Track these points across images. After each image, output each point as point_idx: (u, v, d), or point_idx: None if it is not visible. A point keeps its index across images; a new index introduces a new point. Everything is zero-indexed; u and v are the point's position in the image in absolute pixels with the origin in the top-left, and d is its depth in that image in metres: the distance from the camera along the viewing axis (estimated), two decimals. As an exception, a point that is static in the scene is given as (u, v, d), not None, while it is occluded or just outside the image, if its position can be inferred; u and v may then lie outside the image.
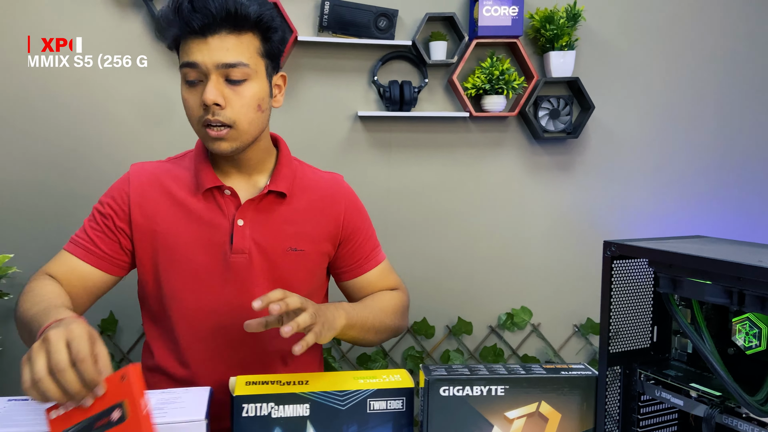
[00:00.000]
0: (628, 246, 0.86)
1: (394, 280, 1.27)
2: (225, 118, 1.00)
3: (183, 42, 1.00)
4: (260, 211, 1.11)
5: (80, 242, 1.10)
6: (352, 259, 1.21)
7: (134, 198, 1.10)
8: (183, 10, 0.96)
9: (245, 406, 0.89)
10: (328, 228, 1.16)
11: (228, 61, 0.98)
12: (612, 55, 2.06)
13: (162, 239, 1.09)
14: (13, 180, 1.87)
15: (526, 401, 0.90)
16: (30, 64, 1.85)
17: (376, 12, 1.91)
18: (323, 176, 1.21)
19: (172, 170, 1.13)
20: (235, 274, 1.09)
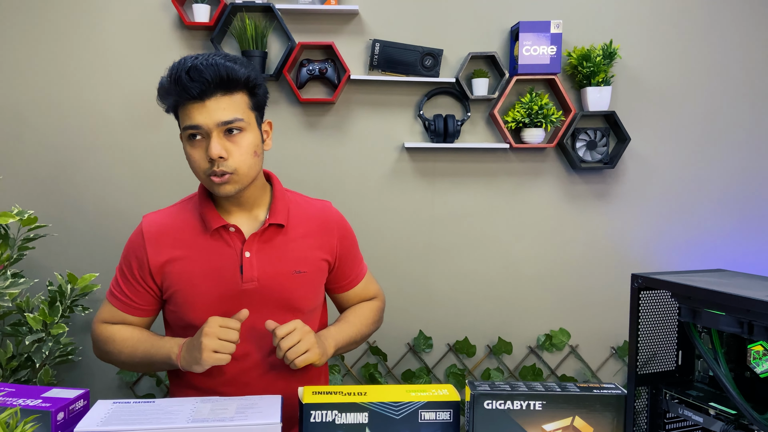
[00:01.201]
0: (652, 279, 0.97)
1: (374, 289, 1.48)
2: (228, 167, 1.15)
3: (182, 107, 1.14)
4: (264, 242, 1.25)
5: (119, 297, 1.28)
6: (343, 277, 1.39)
7: (150, 249, 1.24)
8: (182, 80, 1.10)
9: (313, 413, 1.03)
10: (324, 251, 1.32)
11: (226, 119, 1.13)
12: (647, 89, 2.16)
13: (180, 278, 1.23)
14: (98, 208, 2.09)
15: (562, 416, 1.01)
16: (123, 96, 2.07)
17: (423, 52, 2.06)
18: (314, 204, 1.36)
19: (180, 215, 1.28)
20: (247, 300, 1.24)
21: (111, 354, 1.28)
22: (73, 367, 2.08)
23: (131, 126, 2.08)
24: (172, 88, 1.13)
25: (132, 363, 1.26)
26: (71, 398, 1.08)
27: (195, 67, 1.10)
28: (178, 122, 1.19)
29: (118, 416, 1.00)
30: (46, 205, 2.06)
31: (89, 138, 2.07)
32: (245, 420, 0.99)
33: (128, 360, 1.26)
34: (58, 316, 1.75)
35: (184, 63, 1.12)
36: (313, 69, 2.04)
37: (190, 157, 1.17)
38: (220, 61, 1.12)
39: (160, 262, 1.24)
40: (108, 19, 2.05)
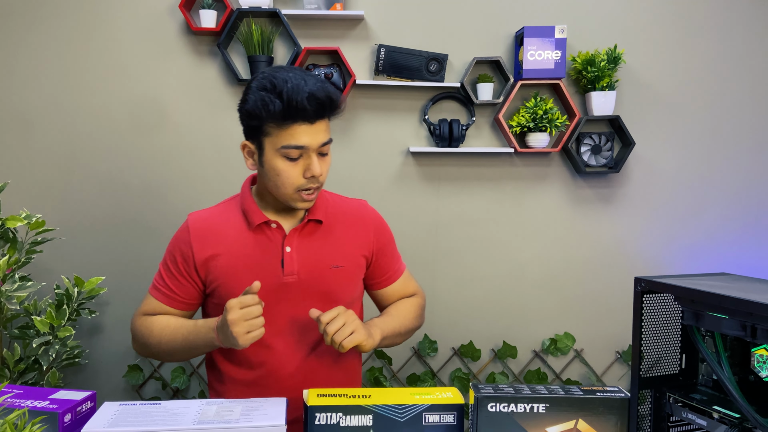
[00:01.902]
0: (655, 282, 0.97)
1: (413, 287, 1.50)
2: (319, 184, 1.24)
3: (287, 128, 1.17)
4: (303, 238, 1.30)
5: (161, 289, 1.32)
6: (381, 273, 1.42)
7: (196, 245, 1.29)
8: (301, 104, 1.14)
9: (317, 415, 1.04)
10: (361, 246, 1.36)
11: (325, 141, 1.21)
12: (652, 94, 2.16)
13: (224, 271, 1.28)
14: (106, 211, 2.10)
15: (565, 418, 1.01)
16: (123, 102, 2.09)
17: (428, 57, 2.07)
18: (351, 202, 1.42)
19: (223, 213, 1.33)
20: (288, 292, 1.28)
21: (150, 345, 1.30)
22: (80, 370, 2.10)
23: (139, 131, 2.10)
24: (289, 111, 1.15)
25: (172, 350, 1.28)
26: (78, 400, 1.09)
27: (312, 94, 1.15)
28: (260, 137, 1.21)
29: (124, 418, 1.01)
30: (54, 209, 2.08)
31: (97, 142, 2.09)
32: (250, 422, 1.00)
33: (168, 347, 1.28)
34: (65, 319, 1.77)
35: (298, 88, 1.15)
36: (318, 74, 2.05)
37: (283, 173, 1.21)
38: (328, 87, 1.19)
39: (204, 257, 1.28)
40: (115, 24, 2.07)
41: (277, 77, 1.17)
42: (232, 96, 2.11)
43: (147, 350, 1.34)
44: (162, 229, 2.11)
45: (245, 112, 1.22)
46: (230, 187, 2.10)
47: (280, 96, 1.15)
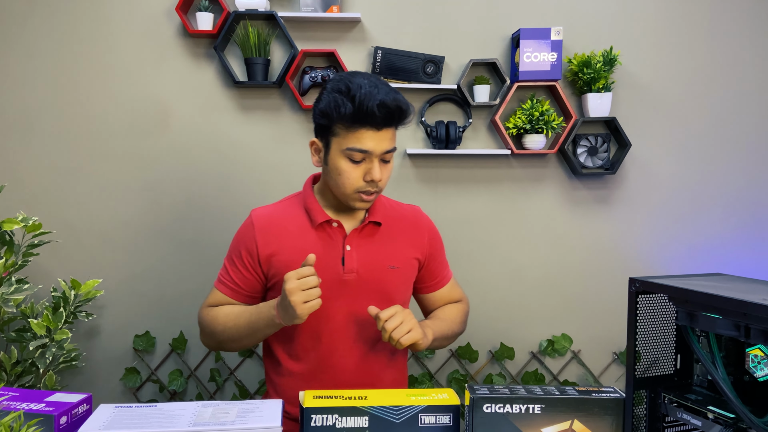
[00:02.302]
0: (650, 283, 0.98)
1: (459, 293, 1.55)
2: (377, 188, 1.28)
3: (354, 131, 1.23)
4: (363, 238, 1.36)
5: (227, 283, 1.37)
6: (431, 277, 1.47)
7: (260, 239, 1.34)
8: (371, 110, 1.19)
9: (313, 417, 1.04)
10: (416, 250, 1.42)
11: (389, 148, 1.26)
12: (648, 95, 2.16)
13: (287, 266, 1.30)
14: (102, 214, 2.10)
15: (561, 419, 1.01)
16: (115, 106, 2.09)
17: (424, 59, 2.07)
18: (407, 207, 1.48)
19: (286, 210, 1.38)
20: (347, 289, 1.33)
21: (216, 333, 1.35)
22: (77, 373, 2.10)
23: (135, 133, 2.10)
24: (359, 115, 1.21)
25: (237, 335, 1.32)
26: (74, 402, 1.09)
27: (383, 102, 1.20)
28: (329, 136, 1.26)
29: (120, 420, 1.01)
30: (51, 211, 2.08)
31: (94, 145, 2.09)
32: (246, 424, 1.00)
33: (233, 332, 1.32)
34: (61, 321, 1.76)
35: (371, 94, 1.20)
36: (315, 76, 2.06)
37: (344, 173, 1.26)
38: (399, 98, 1.24)
39: (268, 253, 1.33)
40: (112, 27, 2.07)
41: (353, 82, 1.22)
42: (229, 98, 2.11)
43: (213, 339, 1.37)
44: (159, 231, 2.12)
45: (318, 111, 1.27)
46: (227, 190, 2.12)
47: (352, 100, 1.20)
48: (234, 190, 2.13)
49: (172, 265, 2.12)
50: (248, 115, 2.12)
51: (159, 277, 2.12)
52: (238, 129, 2.12)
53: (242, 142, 2.12)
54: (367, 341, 1.36)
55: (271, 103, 2.12)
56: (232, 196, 2.12)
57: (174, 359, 2.15)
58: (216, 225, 2.12)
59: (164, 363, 2.14)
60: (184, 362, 2.14)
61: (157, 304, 2.12)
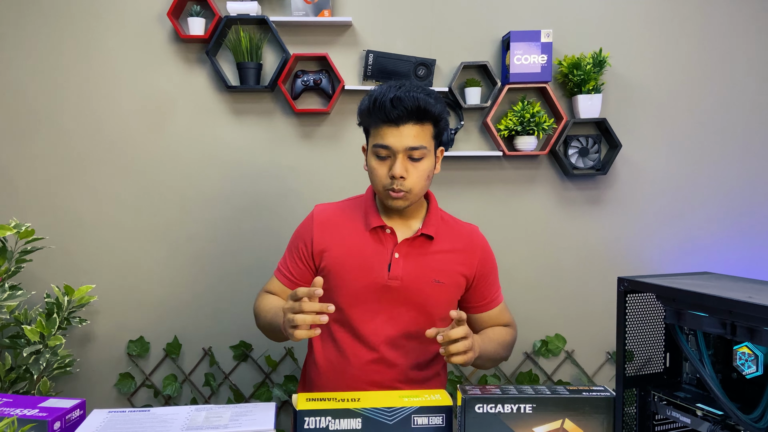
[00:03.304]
0: (638, 282, 0.99)
1: (508, 318, 1.53)
2: (404, 187, 1.29)
3: (377, 128, 1.29)
4: (413, 248, 1.37)
5: (283, 272, 1.44)
6: (480, 298, 1.46)
7: (316, 233, 1.40)
8: (385, 106, 1.25)
9: (306, 419, 1.04)
10: (465, 269, 1.42)
11: (413, 145, 1.27)
12: (637, 96, 2.18)
13: (336, 263, 1.37)
14: (94, 220, 2.10)
15: (552, 418, 1.02)
16: (112, 113, 2.09)
17: (416, 62, 2.09)
18: (464, 225, 1.49)
19: (346, 210, 1.43)
20: (388, 294, 1.36)
21: (258, 319, 1.40)
22: (71, 379, 2.09)
23: (129, 138, 2.10)
24: (375, 111, 1.27)
25: (265, 326, 1.37)
26: (67, 408, 1.09)
27: (398, 97, 1.24)
28: (368, 139, 1.34)
29: (113, 425, 1.01)
30: (44, 218, 2.08)
31: (87, 151, 2.10)
32: (239, 427, 1.01)
33: (265, 324, 1.37)
34: (55, 327, 1.76)
35: (389, 91, 1.26)
36: (307, 80, 2.06)
37: (373, 171, 1.32)
38: (420, 95, 1.26)
39: (322, 247, 1.39)
40: (104, 33, 2.08)
41: (386, 84, 1.29)
42: (221, 103, 2.12)
43: (258, 324, 1.41)
44: (153, 236, 2.12)
45: (357, 115, 1.35)
46: (220, 194, 2.12)
47: (370, 97, 1.28)
48: (227, 194, 2.13)
49: (166, 270, 2.13)
50: (241, 120, 2.13)
51: (152, 282, 2.12)
52: (231, 133, 2.13)
53: (235, 146, 2.13)
54: (405, 345, 1.39)
55: (264, 107, 2.13)
56: (226, 200, 2.13)
57: (168, 364, 2.15)
58: (209, 229, 2.13)
59: (158, 368, 2.14)
60: (178, 367, 2.14)
61: (150, 309, 2.12)
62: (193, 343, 2.15)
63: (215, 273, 2.14)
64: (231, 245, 2.14)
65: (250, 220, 2.14)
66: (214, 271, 2.13)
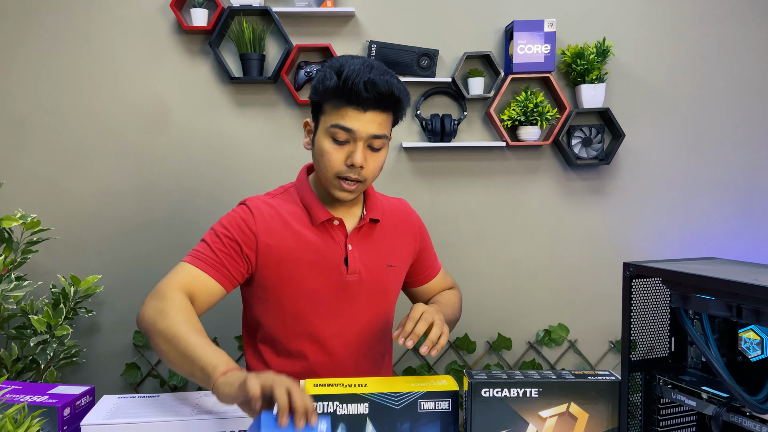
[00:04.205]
0: (644, 267, 0.99)
1: (451, 281, 1.53)
2: (360, 176, 1.20)
3: (339, 108, 1.16)
4: (363, 237, 1.31)
5: (207, 259, 1.21)
6: (422, 269, 1.45)
7: (260, 229, 1.24)
8: (357, 88, 1.13)
9: (315, 404, 1.05)
10: (408, 246, 1.39)
11: (377, 134, 1.18)
12: (641, 86, 2.18)
13: (285, 265, 1.24)
14: (100, 211, 2.11)
15: (558, 402, 1.03)
16: (112, 104, 2.10)
17: (419, 52, 2.09)
18: (394, 201, 1.43)
19: (283, 205, 1.29)
20: (347, 291, 1.28)
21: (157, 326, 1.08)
22: (78, 369, 2.10)
23: (133, 130, 2.11)
24: (343, 90, 1.14)
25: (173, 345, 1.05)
26: (77, 394, 1.10)
27: (372, 81, 1.13)
28: (319, 116, 1.21)
29: (123, 410, 1.02)
30: (49, 208, 2.08)
31: (91, 142, 2.10)
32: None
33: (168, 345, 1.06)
34: (62, 318, 1.77)
35: (360, 71, 1.14)
36: (310, 71, 2.07)
37: (326, 154, 1.19)
38: (393, 81, 1.17)
39: (268, 244, 1.24)
40: (107, 24, 2.08)
41: (349, 60, 1.17)
42: (224, 94, 2.12)
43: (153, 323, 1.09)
44: (157, 227, 2.12)
45: (311, 87, 1.22)
46: (224, 186, 2.13)
47: (339, 75, 1.15)
48: (231, 185, 2.14)
49: (171, 261, 2.11)
50: (244, 111, 2.13)
51: (157, 272, 2.10)
52: (234, 124, 2.13)
53: (238, 137, 2.13)
54: (364, 343, 1.33)
55: (267, 98, 2.13)
56: (229, 191, 2.13)
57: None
58: (213, 219, 2.12)
59: (164, 358, 2.15)
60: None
61: (156, 300, 2.13)
62: (198, 334, 2.15)
63: (220, 264, 2.14)
64: (235, 236, 2.14)
65: (254, 211, 2.15)
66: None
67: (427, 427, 1.06)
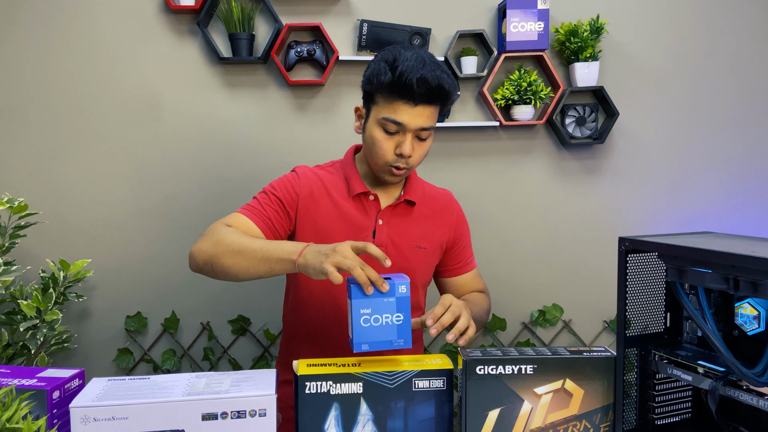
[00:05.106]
0: (639, 241, 0.98)
1: (482, 284, 1.55)
2: (408, 165, 1.30)
3: (392, 101, 1.24)
4: (395, 215, 1.39)
5: (255, 210, 1.32)
6: (455, 261, 1.49)
7: (302, 192, 1.36)
8: (410, 84, 1.20)
9: (307, 384, 1.04)
10: (443, 233, 1.44)
11: (425, 126, 1.26)
12: (635, 64, 2.16)
13: (319, 227, 1.34)
14: (89, 196, 2.08)
15: (553, 379, 1.02)
16: (95, 85, 2.06)
17: (411, 31, 2.05)
18: (439, 191, 1.50)
19: (327, 177, 1.40)
20: (373, 261, 1.27)
21: (221, 243, 1.20)
22: (69, 355, 2.09)
23: (120, 113, 2.07)
24: (397, 86, 1.21)
25: (242, 251, 1.17)
26: (66, 377, 1.09)
27: (424, 78, 1.20)
28: (370, 104, 1.29)
29: (113, 392, 1.01)
30: (37, 193, 2.05)
31: (79, 125, 2.07)
32: (240, 392, 1.00)
33: (240, 247, 1.17)
34: (51, 302, 1.75)
35: (413, 68, 1.20)
36: (301, 51, 2.03)
37: (377, 143, 1.28)
38: (443, 76, 1.23)
39: (307, 206, 1.35)
40: (93, 6, 2.03)
41: (402, 53, 1.23)
42: (213, 75, 2.08)
43: (215, 249, 1.20)
44: (146, 211, 2.10)
45: (364, 77, 1.29)
46: (214, 168, 2.10)
47: (393, 70, 1.21)
48: (221, 168, 2.11)
49: (161, 245, 2.11)
50: (234, 92, 2.10)
51: (148, 256, 2.11)
52: (224, 106, 2.10)
53: (229, 119, 2.10)
54: None
55: (257, 79, 2.10)
56: (220, 173, 2.11)
57: (167, 339, 2.14)
58: (204, 203, 2.11)
59: (157, 343, 2.14)
60: (176, 342, 2.14)
61: (147, 285, 2.11)
62: (191, 318, 2.14)
63: (211, 247, 2.12)
64: (227, 219, 2.12)
65: (244, 193, 2.10)
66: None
67: (422, 405, 1.05)
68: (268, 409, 0.99)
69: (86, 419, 0.96)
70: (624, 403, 1.04)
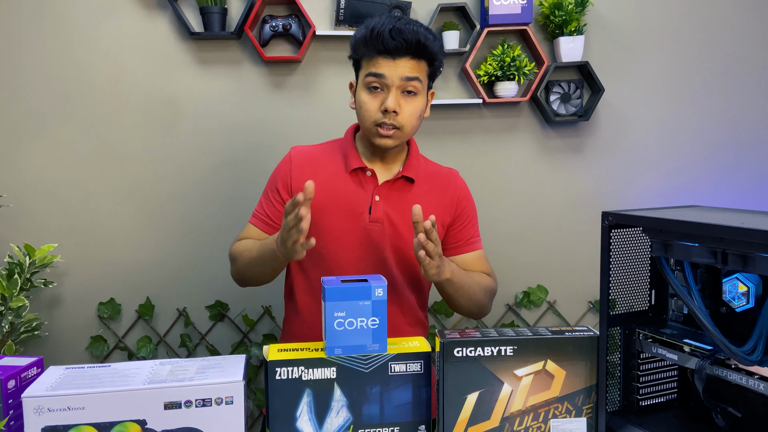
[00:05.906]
0: (624, 215, 0.93)
1: (488, 267, 1.48)
2: (396, 122, 1.26)
3: (371, 58, 1.25)
4: (393, 191, 1.35)
5: (260, 217, 1.38)
6: (456, 239, 1.43)
7: (294, 172, 1.35)
8: (383, 36, 1.21)
9: (278, 370, 0.99)
10: (443, 211, 1.40)
11: (409, 75, 1.24)
12: (620, 38, 2.11)
13: (316, 203, 1.29)
14: (55, 178, 2.00)
15: (533, 360, 0.98)
16: (63, 65, 1.97)
17: (390, 4, 1.98)
18: (443, 169, 1.47)
19: (325, 152, 1.39)
20: (369, 238, 1.34)
21: (236, 261, 1.35)
22: (41, 343, 2.02)
23: (87, 90, 1.99)
24: (371, 40, 1.23)
25: (250, 264, 1.31)
26: (23, 366, 1.03)
27: (398, 28, 1.22)
28: (358, 73, 1.30)
29: (70, 381, 0.95)
30: (0, 175, 1.97)
31: (44, 105, 1.98)
32: (206, 379, 0.95)
33: (249, 262, 1.31)
34: (17, 288, 1.68)
35: (388, 22, 1.23)
36: (276, 25, 1.96)
37: (363, 105, 1.27)
38: (420, 29, 1.24)
39: (302, 182, 1.28)
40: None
41: (380, 17, 1.26)
42: (185, 51, 2.00)
43: (236, 268, 1.36)
44: (117, 194, 2.03)
45: (350, 47, 1.31)
46: (187, 148, 2.03)
47: (367, 26, 1.24)
48: (195, 148, 2.04)
49: (133, 229, 2.04)
50: (207, 69, 2.02)
51: (120, 241, 2.04)
52: (197, 83, 2.02)
53: (201, 97, 2.02)
54: (391, 291, 1.33)
55: (231, 55, 2.02)
56: (192, 153, 2.04)
57: (142, 326, 2.08)
58: (177, 185, 2.04)
59: (132, 330, 2.08)
60: (152, 328, 2.08)
61: (119, 270, 2.04)
62: (167, 304, 2.08)
63: (185, 231, 2.06)
64: (201, 201, 2.05)
65: (220, 174, 2.06)
66: (184, 228, 2.05)
67: (398, 390, 1.00)
68: (236, 396, 0.94)
69: (40, 410, 0.90)
70: (607, 384, 1.00)
